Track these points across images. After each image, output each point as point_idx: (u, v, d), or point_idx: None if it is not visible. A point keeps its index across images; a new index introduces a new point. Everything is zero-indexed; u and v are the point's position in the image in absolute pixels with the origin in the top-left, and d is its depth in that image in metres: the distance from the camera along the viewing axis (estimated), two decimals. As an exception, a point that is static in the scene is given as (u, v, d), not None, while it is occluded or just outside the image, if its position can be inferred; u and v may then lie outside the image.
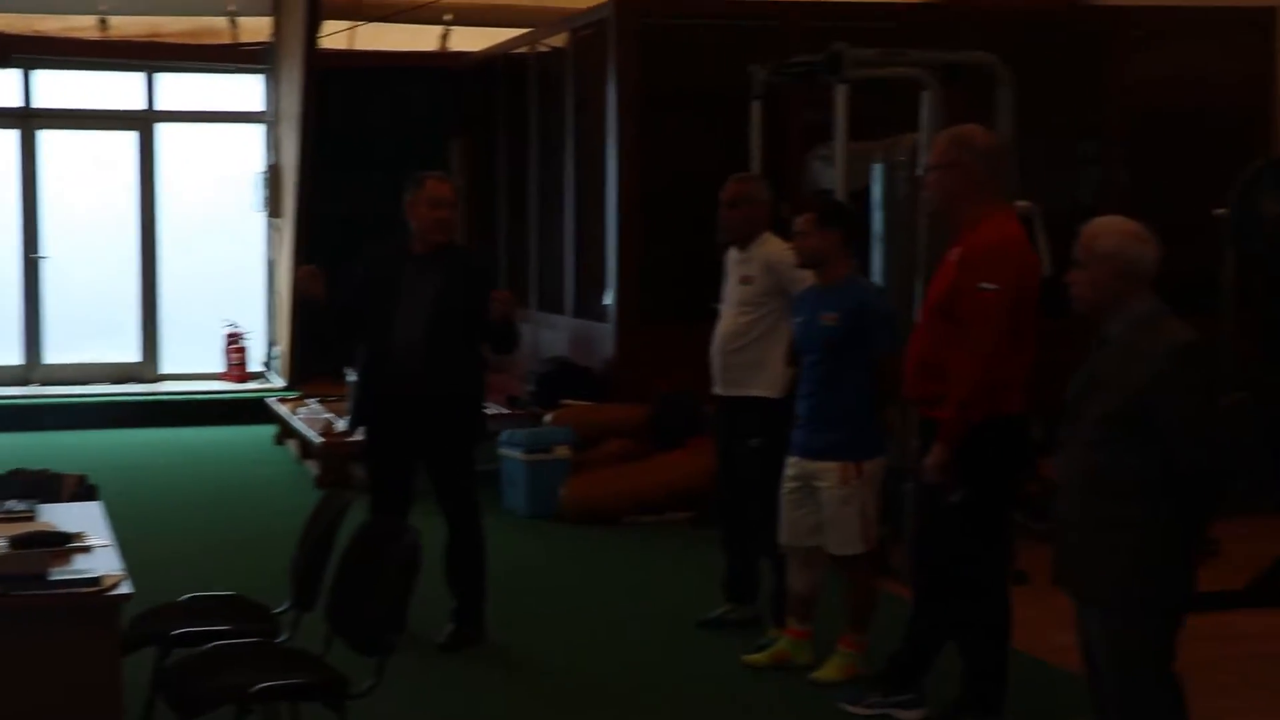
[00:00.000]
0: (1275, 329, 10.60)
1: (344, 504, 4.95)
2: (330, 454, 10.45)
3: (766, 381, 6.58)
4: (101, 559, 4.40)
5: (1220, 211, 7.59)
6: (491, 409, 10.44)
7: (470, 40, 14.82)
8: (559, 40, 11.51)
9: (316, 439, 10.58)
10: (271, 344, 14.68)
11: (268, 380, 14.41)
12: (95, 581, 4.11)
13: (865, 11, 10.86)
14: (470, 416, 6.66)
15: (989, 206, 5.29)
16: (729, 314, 6.75)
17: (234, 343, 14.39)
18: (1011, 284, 5.13)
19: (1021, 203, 7.28)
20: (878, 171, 8.46)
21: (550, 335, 11.70)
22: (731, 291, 6.78)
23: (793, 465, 6.05)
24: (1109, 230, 4.33)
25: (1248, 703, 5.82)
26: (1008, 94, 8.48)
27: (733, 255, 6.84)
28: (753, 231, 6.70)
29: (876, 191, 8.43)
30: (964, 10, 11.01)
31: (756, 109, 9.21)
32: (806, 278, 6.38)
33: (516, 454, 9.41)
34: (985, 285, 5.10)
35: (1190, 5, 11.07)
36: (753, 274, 6.65)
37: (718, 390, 6.79)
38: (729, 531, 6.88)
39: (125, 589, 4.15)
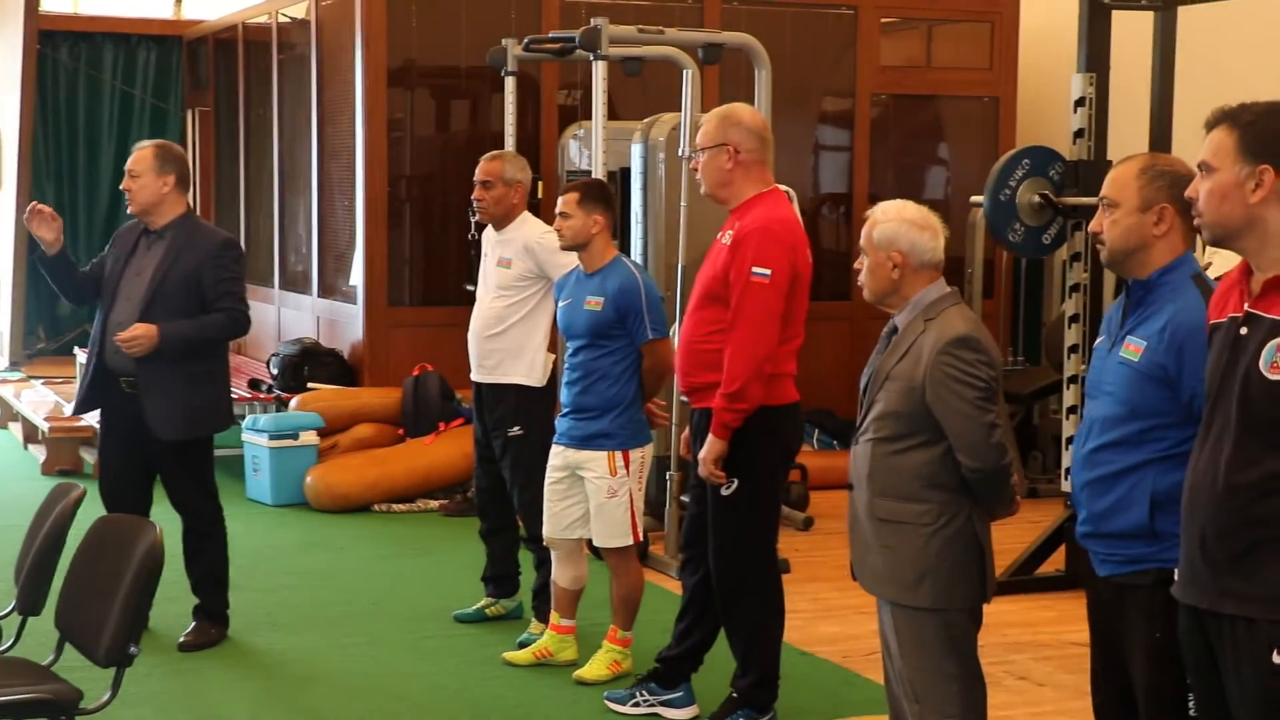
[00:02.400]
0: (1029, 319, 10.84)
1: (74, 497, 4.55)
2: (57, 440, 9.89)
3: (525, 368, 6.37)
4: None
5: (976, 200, 7.62)
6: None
7: (203, 8, 14.26)
8: (301, 9, 11.07)
9: (42, 424, 9.99)
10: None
11: (-13, 361, 13.67)
12: None
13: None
14: (194, 398, 6.15)
15: (759, 188, 5.16)
16: (486, 298, 6.50)
17: (-50, 322, 13.60)
18: (785, 269, 5.00)
19: (781, 187, 7.20)
20: (636, 151, 8.30)
21: (294, 316, 11.27)
22: (488, 274, 6.53)
23: (557, 455, 5.84)
24: (888, 216, 4.22)
25: (1019, 695, 5.81)
26: (766, 76, 8.42)
27: (489, 236, 6.60)
28: (508, 212, 6.46)
29: (636, 172, 8.27)
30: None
31: (510, 84, 8.96)
32: (568, 261, 6.17)
33: (261, 440, 9.00)
34: (758, 271, 4.96)
35: (939, -8, 11.20)
36: (510, 256, 6.41)
37: (475, 377, 6.54)
38: (489, 523, 6.64)
39: None
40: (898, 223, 4.18)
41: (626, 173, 8.57)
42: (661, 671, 5.48)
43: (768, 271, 4.96)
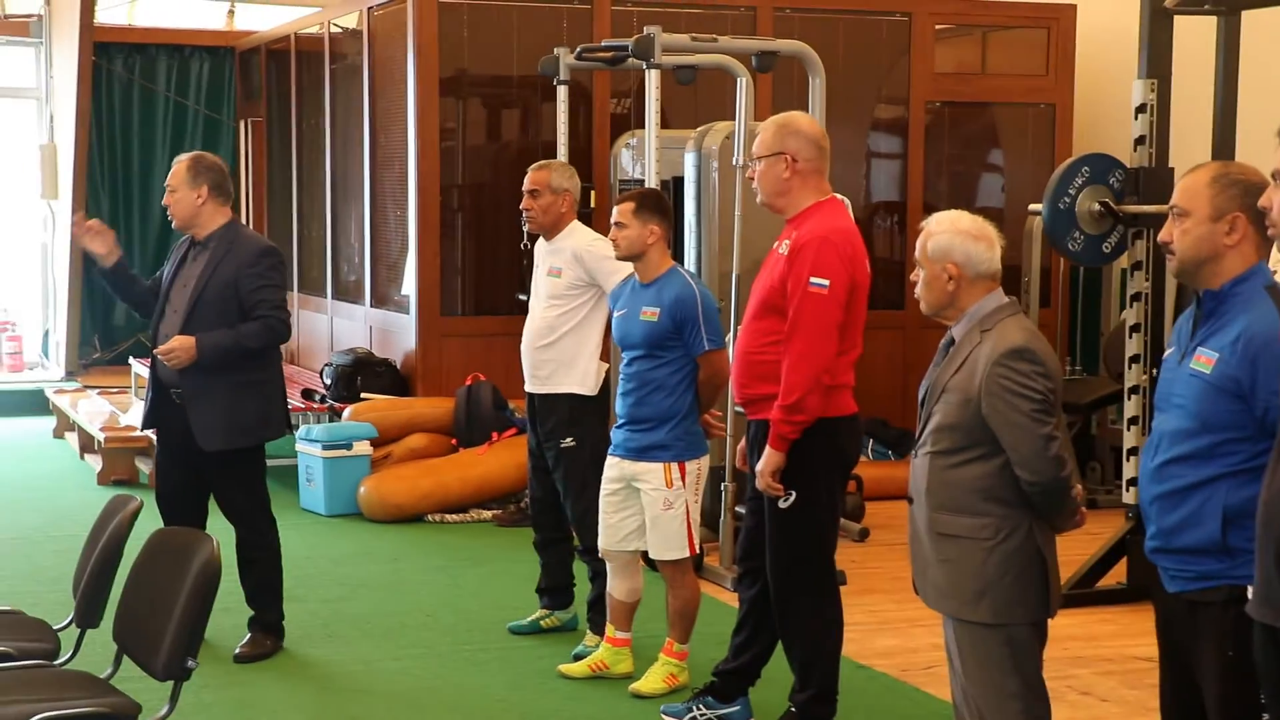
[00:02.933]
0: (1087, 328, 10.73)
1: (131, 509, 4.54)
2: (113, 450, 9.93)
3: (578, 378, 6.32)
4: None
5: (1034, 208, 7.53)
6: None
7: (255, 19, 14.33)
8: (353, 20, 11.08)
9: (98, 434, 10.03)
10: (47, 333, 14.01)
11: (44, 370, 13.76)
12: None
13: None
14: (238, 408, 6.12)
15: (816, 197, 5.11)
16: (537, 308, 6.47)
17: (5, 332, 13.71)
18: (843, 279, 4.94)
19: (838, 196, 7.14)
20: (690, 160, 8.26)
21: (347, 326, 11.28)
22: (539, 284, 6.50)
23: (613, 466, 5.79)
24: (942, 228, 4.15)
25: (1083, 711, 5.72)
26: (821, 84, 8.36)
27: (540, 246, 6.56)
28: (557, 221, 6.42)
29: (689, 180, 8.23)
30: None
31: (562, 93, 8.94)
32: (619, 269, 6.14)
33: (314, 450, 9.00)
34: (817, 281, 4.90)
35: (992, 0, 11.10)
36: (561, 265, 6.37)
37: (528, 388, 6.50)
38: (543, 534, 6.60)
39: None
40: (952, 234, 4.12)
41: (679, 181, 8.52)
42: (719, 685, 5.43)
43: (826, 282, 4.90)
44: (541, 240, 6.52)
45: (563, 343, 6.33)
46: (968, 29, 11.21)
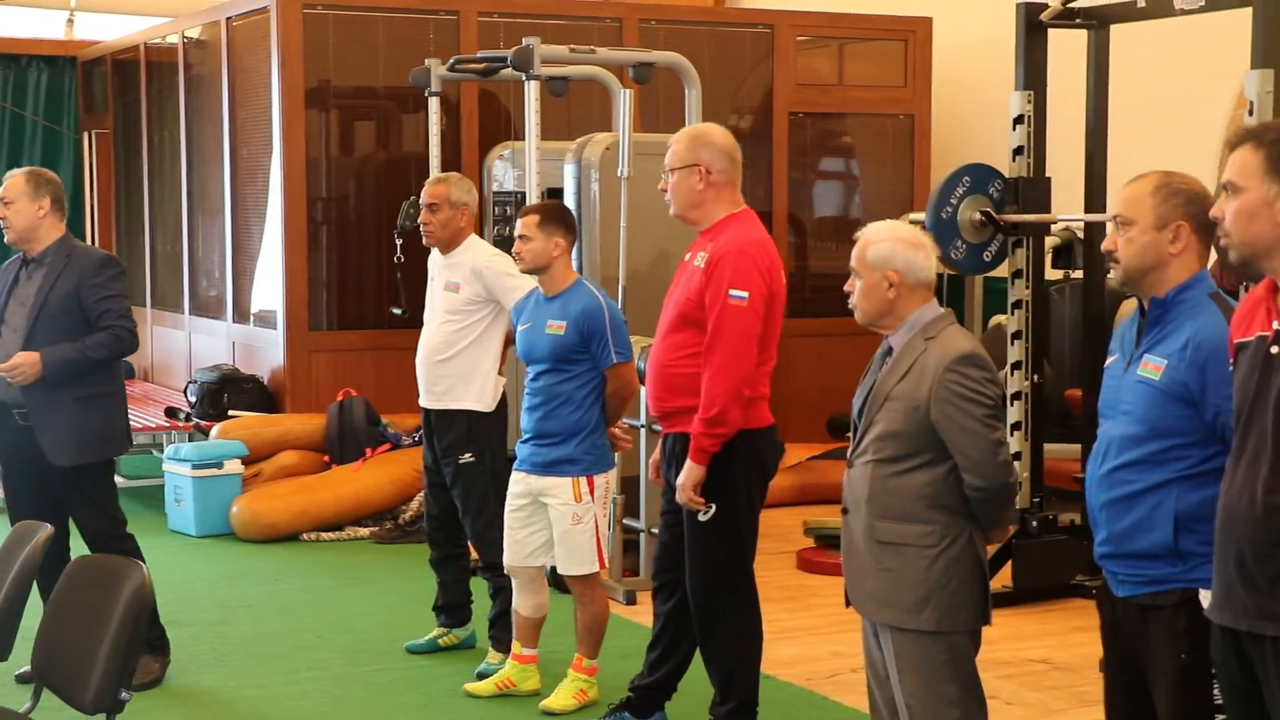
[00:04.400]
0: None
1: (44, 537, 4.37)
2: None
3: (476, 394, 6.26)
4: None
5: (914, 217, 7.63)
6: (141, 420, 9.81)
7: (96, 29, 13.95)
8: (211, 30, 10.85)
9: (-51, 458, 9.65)
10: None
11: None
12: None
13: (539, 7, 10.63)
14: (86, 422, 5.92)
15: (730, 209, 5.11)
16: (434, 322, 6.39)
17: None
18: (762, 291, 4.95)
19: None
20: (569, 172, 8.22)
21: (207, 342, 11.01)
22: (435, 299, 6.42)
23: (518, 481, 5.73)
24: (881, 236, 4.18)
25: (992, 715, 5.77)
26: (697, 94, 8.39)
27: (436, 260, 6.48)
28: (455, 235, 6.35)
29: (569, 192, 8.19)
30: (629, 10, 10.91)
31: (434, 105, 8.86)
32: (519, 285, 6.10)
33: (183, 470, 8.78)
34: (735, 293, 4.90)
35: (850, 12, 11.24)
36: (459, 280, 6.30)
37: (424, 403, 6.42)
38: (440, 551, 6.51)
39: None
40: (892, 242, 4.15)
41: (554, 193, 8.48)
42: (635, 701, 5.40)
43: (745, 294, 4.90)
44: (436, 254, 6.44)
45: (460, 358, 6.26)
46: (824, 41, 11.34)
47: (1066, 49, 7.60)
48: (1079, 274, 8.68)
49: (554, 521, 5.64)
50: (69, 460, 5.87)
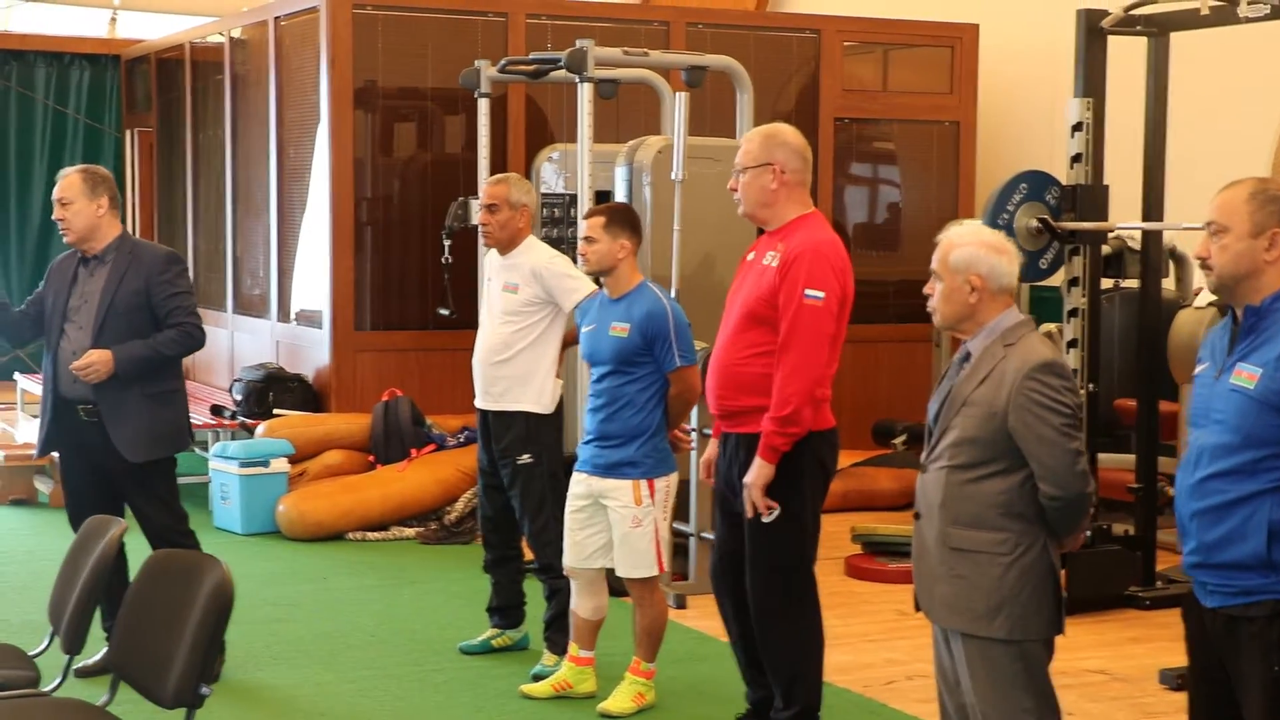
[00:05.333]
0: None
1: (118, 532, 4.38)
2: (11, 469, 9.60)
3: (534, 395, 6.23)
4: None
5: (971, 223, 7.61)
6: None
7: (139, 27, 14.02)
8: (257, 30, 10.87)
9: (-4, 453, 9.71)
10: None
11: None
12: None
13: (587, 10, 10.65)
14: (157, 418, 5.95)
15: (800, 210, 5.10)
16: (491, 323, 6.36)
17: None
18: (836, 291, 4.95)
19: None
20: (620, 175, 8.22)
21: (250, 341, 11.04)
22: (494, 300, 6.40)
23: (579, 482, 5.73)
24: (965, 240, 4.16)
25: None
26: (748, 99, 8.39)
27: (494, 261, 6.46)
28: (514, 236, 6.33)
29: (620, 195, 8.18)
30: (677, 13, 10.91)
31: (483, 106, 8.85)
32: (578, 287, 6.10)
33: (230, 467, 8.79)
34: (811, 293, 4.89)
35: (898, 18, 11.22)
36: (518, 281, 6.28)
37: (480, 404, 6.40)
38: (495, 552, 6.50)
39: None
40: (975, 246, 4.12)
41: (601, 196, 8.47)
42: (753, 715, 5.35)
43: (821, 294, 4.89)
44: (494, 254, 6.42)
45: (518, 359, 6.24)
46: (869, 47, 11.32)
47: (1118, 55, 7.57)
48: (1129, 283, 8.67)
49: (614, 524, 5.63)
50: (142, 456, 5.88)
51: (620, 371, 5.61)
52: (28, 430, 10.59)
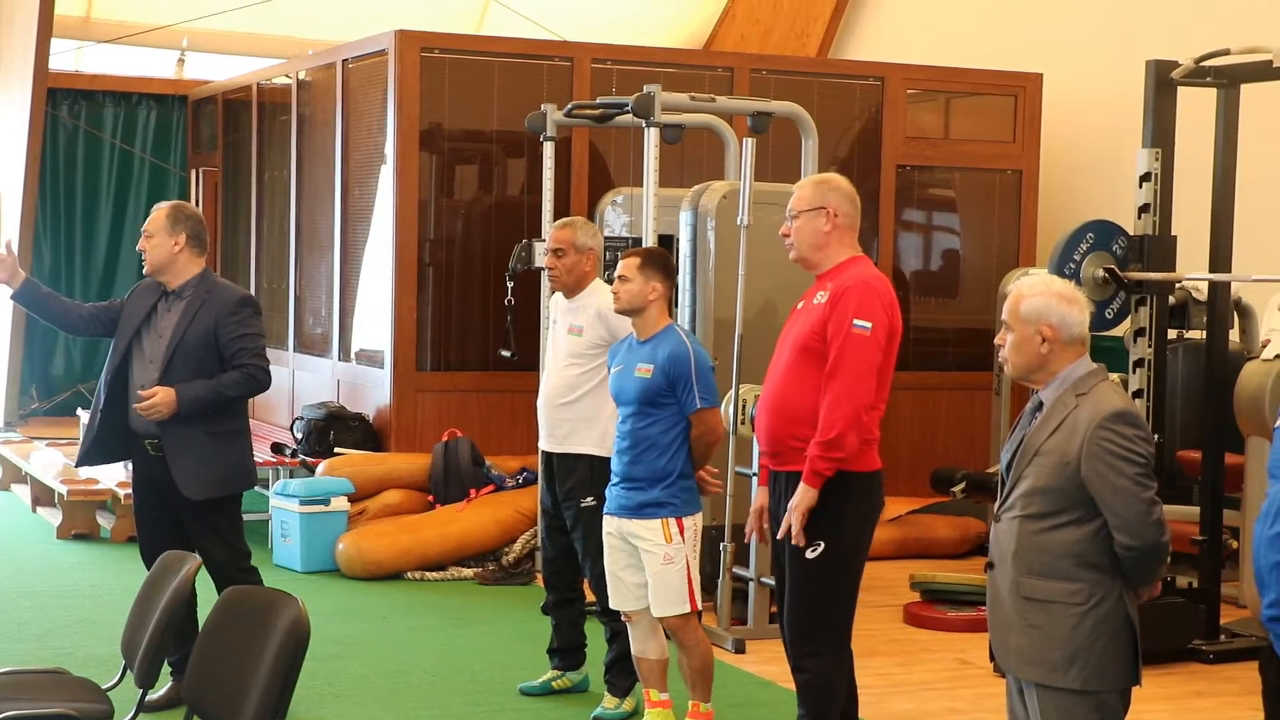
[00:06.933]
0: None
1: (193, 567, 4.43)
2: (75, 503, 9.69)
3: (598, 439, 6.25)
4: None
5: (1034, 273, 7.60)
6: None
7: (205, 68, 14.20)
8: (324, 71, 11.00)
9: (59, 487, 9.79)
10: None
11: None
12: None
13: (652, 55, 10.72)
14: (219, 457, 6.01)
15: (850, 252, 5.16)
16: (556, 366, 6.40)
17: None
18: (884, 324, 5.00)
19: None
20: (685, 219, 8.25)
21: (311, 379, 11.12)
22: (558, 342, 6.44)
23: (610, 523, 5.76)
24: (1035, 290, 4.16)
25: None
26: (813, 145, 8.43)
27: (559, 303, 6.50)
28: (580, 279, 6.37)
29: (684, 239, 8.21)
30: (741, 59, 10.96)
31: (549, 149, 8.91)
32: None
33: (291, 505, 8.85)
34: (860, 324, 4.95)
35: (962, 67, 11.24)
36: (583, 324, 6.32)
37: (544, 446, 6.43)
38: (556, 594, 6.51)
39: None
40: (1046, 296, 4.13)
41: (663, 240, 8.50)
42: None
43: (869, 324, 4.95)
44: (560, 297, 6.47)
45: (582, 402, 6.27)
46: (931, 95, 11.34)
47: (1187, 105, 7.56)
48: (1193, 333, 8.64)
49: (646, 564, 5.65)
50: (202, 494, 5.95)
51: (643, 413, 5.65)
52: (76, 459, 10.69)
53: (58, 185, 13.65)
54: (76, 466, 6.61)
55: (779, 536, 5.08)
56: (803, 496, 4.97)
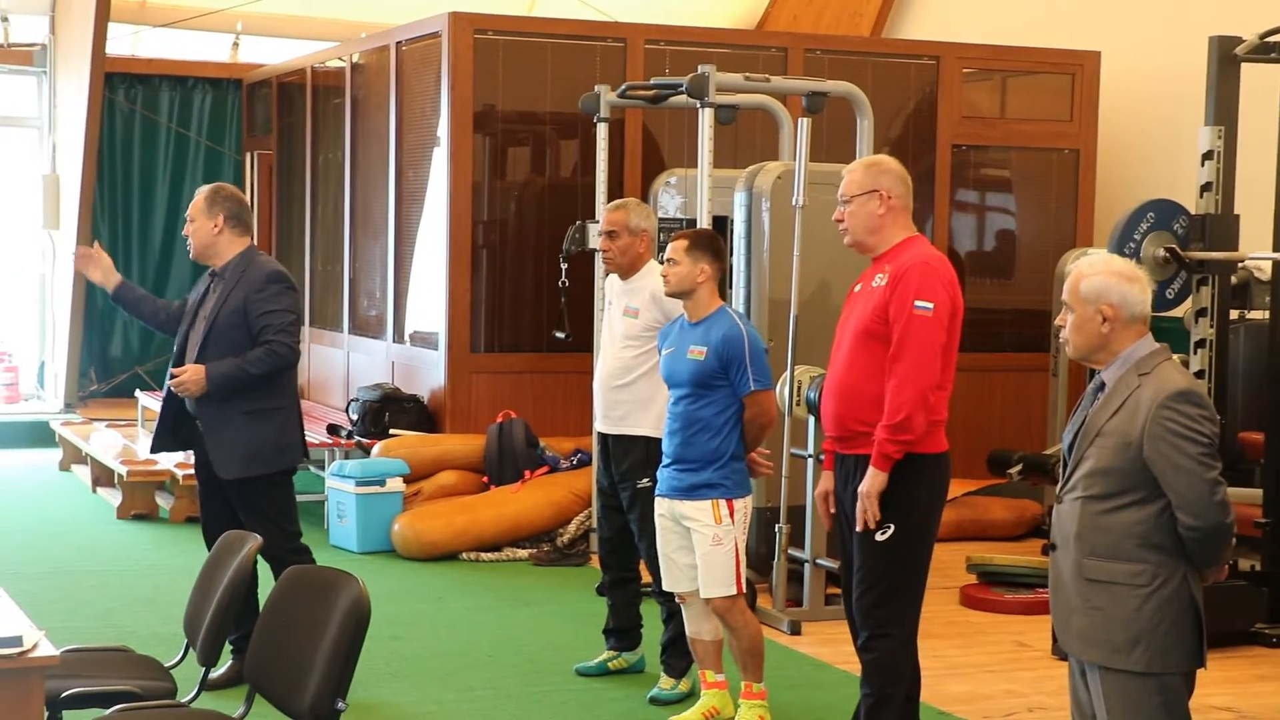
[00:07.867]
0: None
1: (254, 546, 4.45)
2: (134, 484, 9.77)
3: (654, 420, 6.22)
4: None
5: (1094, 252, 7.55)
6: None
7: (260, 52, 14.25)
8: (378, 54, 11.02)
9: (119, 468, 9.88)
10: (43, 364, 13.83)
11: (40, 402, 13.59)
12: (16, 641, 3.54)
13: (706, 35, 10.68)
14: (254, 435, 6.01)
15: (906, 233, 5.11)
16: (612, 348, 6.40)
17: (1, 363, 13.53)
18: (945, 303, 4.96)
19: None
20: (739, 200, 8.22)
21: (365, 361, 11.16)
22: (614, 324, 6.43)
23: (661, 505, 5.75)
24: (1095, 270, 4.12)
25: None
26: (869, 125, 8.38)
27: (614, 285, 6.49)
28: (634, 261, 6.36)
29: (739, 220, 8.19)
30: (794, 39, 10.91)
31: (602, 131, 8.89)
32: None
33: (347, 486, 8.89)
34: (921, 304, 4.91)
35: (1018, 45, 11.15)
36: (638, 306, 6.31)
37: (600, 428, 6.44)
38: (612, 574, 6.52)
39: (46, 650, 3.61)
40: (1106, 275, 4.08)
41: (719, 221, 8.48)
42: None
43: (931, 305, 4.91)
44: (615, 279, 6.46)
45: (639, 384, 6.27)
46: (986, 74, 11.26)
47: (1249, 82, 7.47)
48: (1254, 314, 8.55)
49: (695, 544, 5.64)
50: (235, 473, 5.98)
51: (696, 395, 5.63)
52: (149, 446, 10.77)
53: (115, 169, 13.75)
54: (151, 454, 6.66)
55: (858, 529, 5.04)
56: (872, 481, 4.94)
